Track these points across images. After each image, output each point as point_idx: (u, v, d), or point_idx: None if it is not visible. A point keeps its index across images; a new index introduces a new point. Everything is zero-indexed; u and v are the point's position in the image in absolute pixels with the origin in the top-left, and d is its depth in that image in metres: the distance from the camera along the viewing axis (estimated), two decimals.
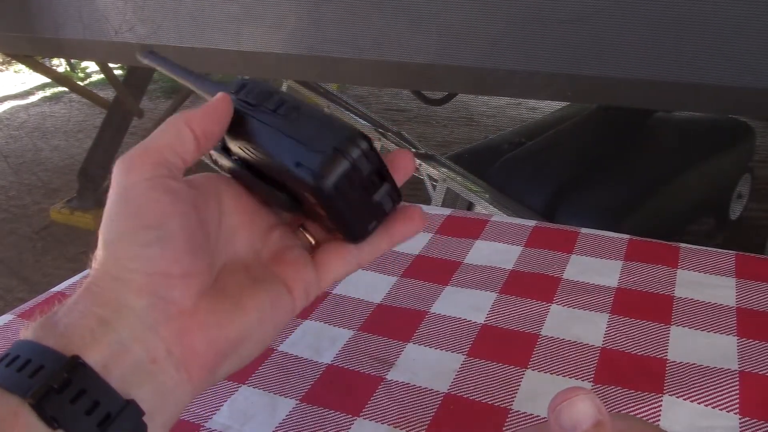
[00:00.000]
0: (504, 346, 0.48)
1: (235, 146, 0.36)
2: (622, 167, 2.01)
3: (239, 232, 0.35)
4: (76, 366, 0.27)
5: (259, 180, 0.35)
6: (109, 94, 3.32)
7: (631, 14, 1.02)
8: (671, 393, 0.42)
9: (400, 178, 0.36)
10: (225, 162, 0.36)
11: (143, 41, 1.46)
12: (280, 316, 0.35)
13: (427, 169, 1.91)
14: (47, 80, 4.45)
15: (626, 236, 0.62)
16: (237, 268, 0.34)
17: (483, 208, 1.75)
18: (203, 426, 0.42)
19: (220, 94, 0.34)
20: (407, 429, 0.40)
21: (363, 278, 0.57)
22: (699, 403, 0.41)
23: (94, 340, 0.29)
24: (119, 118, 2.87)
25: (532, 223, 0.66)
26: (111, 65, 2.91)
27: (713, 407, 0.40)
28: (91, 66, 5.21)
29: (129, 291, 0.30)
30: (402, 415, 0.41)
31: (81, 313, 0.29)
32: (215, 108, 0.34)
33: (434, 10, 1.17)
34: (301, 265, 0.36)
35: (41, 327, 0.29)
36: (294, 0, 1.29)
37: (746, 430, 0.39)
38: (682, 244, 0.60)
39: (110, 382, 0.28)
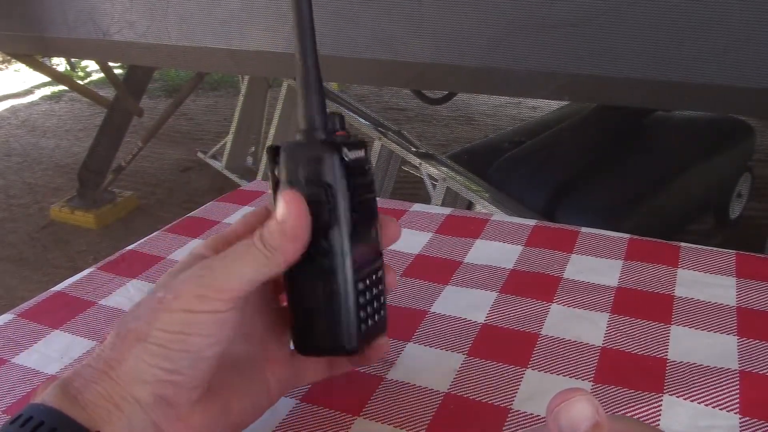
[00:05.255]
0: (504, 346, 0.48)
1: None
2: (622, 167, 2.01)
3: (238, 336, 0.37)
4: None
5: None
6: (109, 93, 3.32)
7: (631, 14, 1.02)
8: (671, 393, 0.42)
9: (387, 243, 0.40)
10: None
11: (139, 40, 1.46)
12: (259, 410, 0.39)
13: (427, 169, 1.91)
14: (48, 79, 4.45)
15: (626, 236, 0.62)
16: (227, 363, 0.37)
17: (483, 207, 1.75)
18: None
19: (290, 198, 0.34)
20: (407, 429, 0.40)
21: None
22: (699, 403, 0.41)
23: (111, 421, 0.31)
24: (120, 116, 2.87)
25: (532, 222, 0.66)
26: (111, 64, 2.91)
27: (713, 407, 0.40)
28: (92, 65, 5.21)
29: (139, 386, 0.32)
30: (402, 415, 0.41)
31: (99, 394, 0.31)
32: (296, 225, 0.34)
33: (434, 11, 1.17)
34: (281, 363, 0.39)
35: (62, 395, 0.31)
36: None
37: (746, 429, 0.39)
38: (683, 244, 0.60)
39: None
